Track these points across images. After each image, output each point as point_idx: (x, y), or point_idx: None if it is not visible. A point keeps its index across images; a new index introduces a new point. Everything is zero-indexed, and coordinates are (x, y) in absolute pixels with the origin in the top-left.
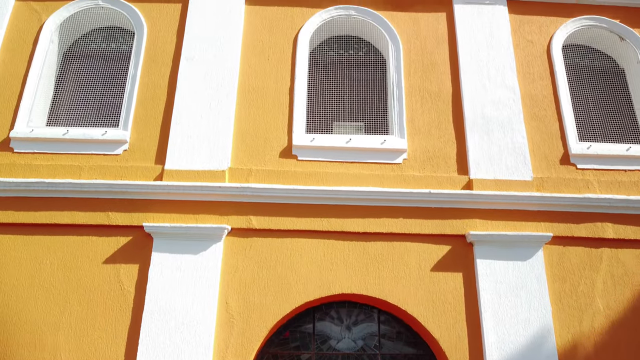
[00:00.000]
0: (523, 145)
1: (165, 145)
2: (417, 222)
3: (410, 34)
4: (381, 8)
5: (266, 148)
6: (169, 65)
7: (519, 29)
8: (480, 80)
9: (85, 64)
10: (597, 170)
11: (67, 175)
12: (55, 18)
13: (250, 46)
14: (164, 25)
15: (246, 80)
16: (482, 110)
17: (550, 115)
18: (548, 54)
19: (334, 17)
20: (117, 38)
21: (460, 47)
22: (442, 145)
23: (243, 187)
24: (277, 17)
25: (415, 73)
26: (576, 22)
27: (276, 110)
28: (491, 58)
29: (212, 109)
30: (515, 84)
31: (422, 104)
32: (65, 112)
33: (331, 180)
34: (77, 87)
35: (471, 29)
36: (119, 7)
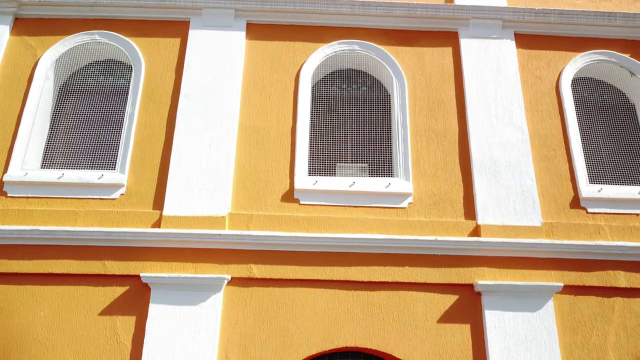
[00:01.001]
0: (532, 188)
1: (163, 189)
2: (423, 270)
3: (415, 70)
4: (385, 43)
5: (267, 191)
6: (168, 103)
7: (527, 64)
8: (487, 119)
9: (81, 100)
10: (608, 214)
11: (63, 222)
12: (50, 54)
13: (251, 83)
14: (162, 60)
15: (247, 119)
16: (490, 151)
17: (559, 155)
18: (557, 91)
19: (337, 52)
20: (115, 72)
21: (466, 84)
22: (448, 188)
23: (243, 234)
24: (278, 52)
25: (420, 111)
26: (585, 57)
27: (278, 150)
28: (499, 95)
29: (212, 149)
30: (524, 123)
31: (427, 145)
32: (60, 153)
33: (334, 225)
34: (73, 126)
35: (478, 65)
36: (116, 42)
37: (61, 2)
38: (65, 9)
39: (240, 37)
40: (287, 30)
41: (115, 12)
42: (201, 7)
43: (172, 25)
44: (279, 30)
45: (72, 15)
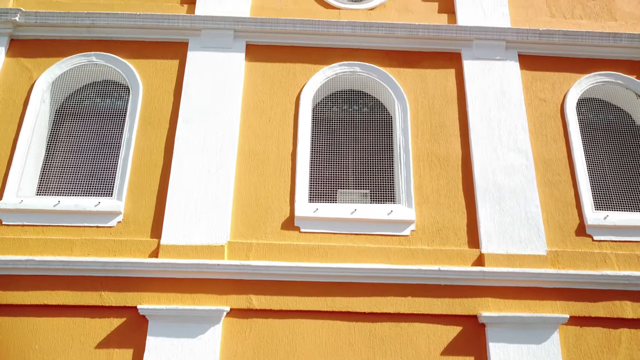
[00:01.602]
0: (537, 215)
1: (161, 216)
2: (426, 301)
3: (417, 92)
4: (387, 64)
5: (267, 219)
6: (166, 127)
7: (531, 86)
8: (491, 143)
9: (78, 123)
10: (614, 242)
11: (58, 251)
12: (47, 76)
13: (250, 106)
14: (160, 83)
15: (246, 143)
16: (494, 176)
17: (564, 180)
18: (562, 114)
19: (338, 74)
20: (112, 93)
21: (470, 107)
22: (451, 215)
23: (243, 264)
24: (278, 74)
25: (423, 135)
26: (590, 79)
27: (278, 176)
28: (502, 118)
29: (211, 175)
30: (528, 147)
31: (430, 170)
32: (56, 179)
33: (335, 254)
34: (69, 150)
35: (481, 87)
36: (113, 64)
37: (57, 23)
38: (61, 30)
39: (239, 58)
40: (287, 51)
41: (112, 33)
42: (200, 28)
43: (170, 46)
44: (279, 51)
45: (68, 36)
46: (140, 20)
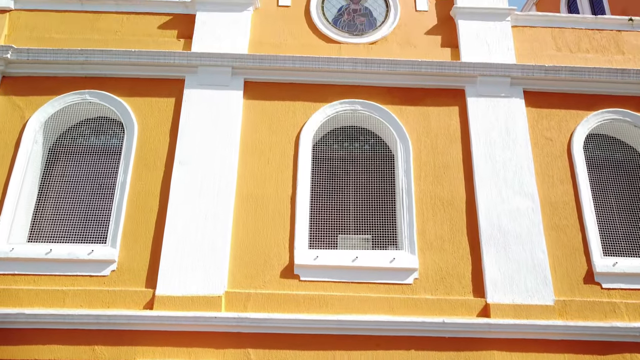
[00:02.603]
0: (543, 262)
1: (156, 264)
2: (430, 354)
3: (420, 132)
4: (389, 102)
5: (266, 267)
6: (162, 169)
7: (537, 125)
8: (496, 185)
9: (71, 163)
10: (624, 290)
11: (50, 303)
12: (39, 115)
13: (249, 147)
14: (155, 122)
15: (244, 186)
16: (499, 220)
17: (572, 224)
18: (569, 154)
19: (339, 112)
20: (106, 130)
21: (474, 147)
22: (455, 262)
23: (240, 317)
24: (277, 112)
25: (426, 177)
26: (598, 116)
27: (277, 221)
28: (507, 159)
29: (208, 220)
30: (534, 189)
31: (433, 214)
32: (49, 224)
33: (336, 304)
34: (62, 193)
35: (486, 126)
36: (107, 102)
37: (50, 60)
38: (54, 67)
39: (237, 96)
40: (287, 88)
41: (106, 70)
42: (197, 65)
43: (166, 83)
44: (278, 88)
45: (62, 73)
46: (135, 57)
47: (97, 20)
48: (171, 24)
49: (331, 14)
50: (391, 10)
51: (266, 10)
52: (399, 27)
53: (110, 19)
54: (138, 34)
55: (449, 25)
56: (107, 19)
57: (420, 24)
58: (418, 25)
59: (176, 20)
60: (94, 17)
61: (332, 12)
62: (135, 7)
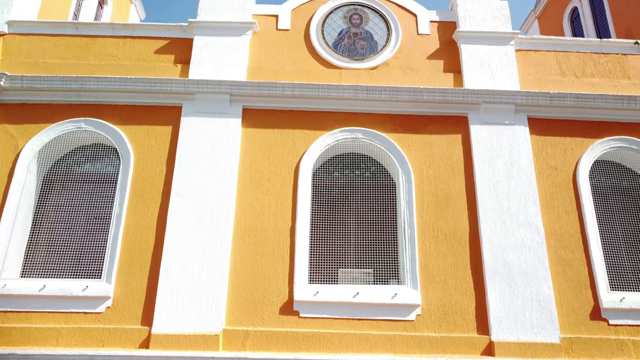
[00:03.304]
0: (549, 298)
1: (153, 301)
2: None
3: (422, 161)
4: (391, 130)
5: (265, 302)
6: (158, 200)
7: (542, 153)
8: (500, 217)
9: (66, 192)
10: (631, 326)
11: (43, 341)
12: (33, 144)
13: (247, 177)
14: (152, 152)
15: (243, 219)
16: (503, 254)
17: (578, 258)
18: (574, 184)
19: (339, 140)
20: (102, 157)
21: (477, 177)
22: (459, 297)
23: (239, 357)
24: (276, 141)
25: (428, 208)
26: (604, 144)
27: (276, 254)
28: (512, 189)
29: (206, 254)
30: (539, 220)
31: (436, 246)
32: (42, 258)
33: (336, 342)
34: (56, 224)
35: (489, 155)
36: (103, 130)
37: (45, 88)
38: (49, 94)
39: (235, 124)
40: (286, 116)
41: (102, 98)
42: (194, 92)
43: (163, 111)
44: (278, 116)
45: (56, 100)
46: (131, 84)
47: (93, 44)
48: (168, 49)
49: (331, 38)
50: (392, 33)
51: (265, 33)
52: (401, 51)
53: (106, 43)
54: (134, 58)
55: (451, 49)
56: (102, 43)
57: (422, 48)
58: (420, 49)
59: (173, 45)
60: (89, 42)
61: (332, 35)
62: (131, 31)
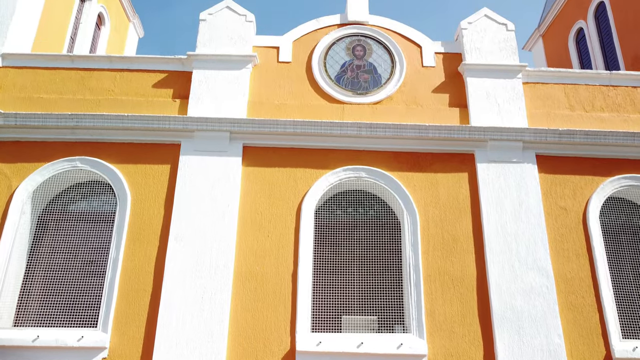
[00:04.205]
0: (559, 347)
1: (150, 351)
2: None
3: (428, 201)
4: (395, 168)
5: (266, 353)
6: (156, 244)
7: (551, 192)
8: (508, 261)
9: (61, 233)
10: None
11: None
12: (27, 184)
13: (248, 219)
14: (149, 192)
15: (243, 263)
16: (512, 300)
17: (588, 304)
18: (584, 225)
19: (342, 180)
20: (98, 195)
21: (484, 218)
22: (466, 347)
23: None
24: (278, 181)
25: (434, 251)
26: (614, 182)
27: (277, 301)
28: (520, 231)
29: (205, 301)
30: (548, 264)
31: (442, 292)
32: (36, 305)
33: None
34: (50, 269)
35: (497, 195)
36: (99, 169)
37: (40, 125)
38: (44, 131)
39: (235, 163)
40: (288, 154)
41: (98, 135)
42: (193, 130)
43: (161, 148)
44: (279, 154)
45: (51, 138)
46: (128, 121)
47: (89, 78)
48: (166, 82)
49: (334, 71)
50: (396, 66)
51: (266, 66)
52: (405, 85)
53: (103, 77)
54: (131, 93)
55: (457, 82)
56: (99, 77)
57: (427, 81)
58: (425, 82)
59: (172, 78)
60: (86, 75)
61: (335, 68)
62: (128, 64)
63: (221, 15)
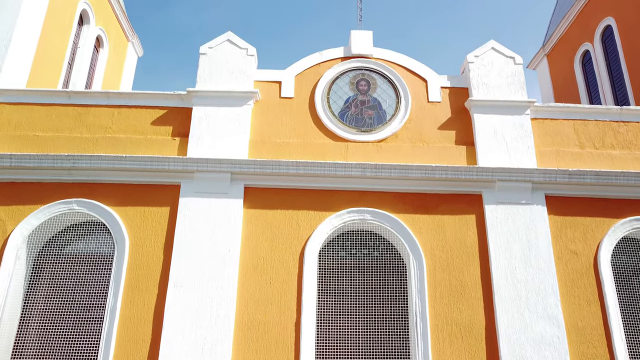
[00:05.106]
0: None
1: None
2: None
3: (434, 245)
4: (400, 210)
5: None
6: (155, 292)
7: (561, 236)
8: (518, 309)
9: (57, 280)
10: None
11: None
12: (22, 228)
13: (249, 265)
14: (148, 236)
15: (245, 312)
16: (522, 350)
17: (600, 354)
18: (595, 269)
19: (346, 222)
20: (95, 235)
21: (493, 263)
22: None
23: None
24: (280, 224)
25: (441, 298)
26: (626, 225)
27: (280, 351)
28: (530, 277)
29: (205, 352)
30: (559, 312)
31: (450, 342)
32: (31, 355)
33: None
34: (46, 318)
35: (506, 239)
36: (96, 212)
37: (35, 166)
38: (39, 172)
39: (237, 205)
40: (290, 195)
41: (95, 176)
42: (193, 171)
43: (160, 190)
44: (281, 196)
45: (47, 179)
46: (126, 162)
47: (86, 114)
48: (165, 119)
49: (337, 107)
50: (401, 101)
51: (268, 102)
52: (410, 121)
53: (100, 114)
54: (130, 130)
55: (463, 118)
56: (96, 114)
57: (432, 117)
58: (430, 118)
59: (171, 115)
60: (83, 112)
61: (338, 104)
62: (126, 100)
63: (222, 48)
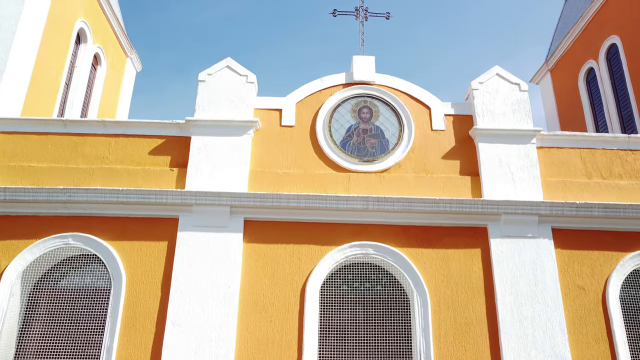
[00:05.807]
0: None
1: None
2: None
3: (438, 280)
4: (404, 244)
5: None
6: (152, 331)
7: (568, 270)
8: (524, 348)
9: (52, 317)
10: None
11: None
12: (16, 264)
13: (249, 302)
14: (145, 272)
15: (245, 352)
16: None
17: None
18: (604, 306)
19: (348, 257)
20: (91, 268)
21: (499, 300)
22: None
23: None
24: (281, 259)
25: (446, 337)
26: (635, 259)
27: None
28: (537, 314)
29: None
30: (567, 351)
31: None
32: None
33: None
34: (41, 355)
35: (511, 273)
36: (92, 247)
37: (30, 200)
38: (34, 206)
39: (236, 239)
40: (291, 229)
41: (91, 210)
42: (192, 204)
43: (157, 224)
44: (282, 229)
45: (42, 212)
46: (123, 196)
47: (82, 144)
48: (164, 149)
49: (339, 135)
50: (405, 130)
51: (268, 131)
52: (414, 151)
53: (97, 143)
54: (127, 161)
55: (468, 147)
56: (93, 143)
57: (436, 146)
58: (434, 147)
59: (169, 144)
60: (79, 141)
61: (340, 132)
62: (123, 128)
63: (221, 75)
